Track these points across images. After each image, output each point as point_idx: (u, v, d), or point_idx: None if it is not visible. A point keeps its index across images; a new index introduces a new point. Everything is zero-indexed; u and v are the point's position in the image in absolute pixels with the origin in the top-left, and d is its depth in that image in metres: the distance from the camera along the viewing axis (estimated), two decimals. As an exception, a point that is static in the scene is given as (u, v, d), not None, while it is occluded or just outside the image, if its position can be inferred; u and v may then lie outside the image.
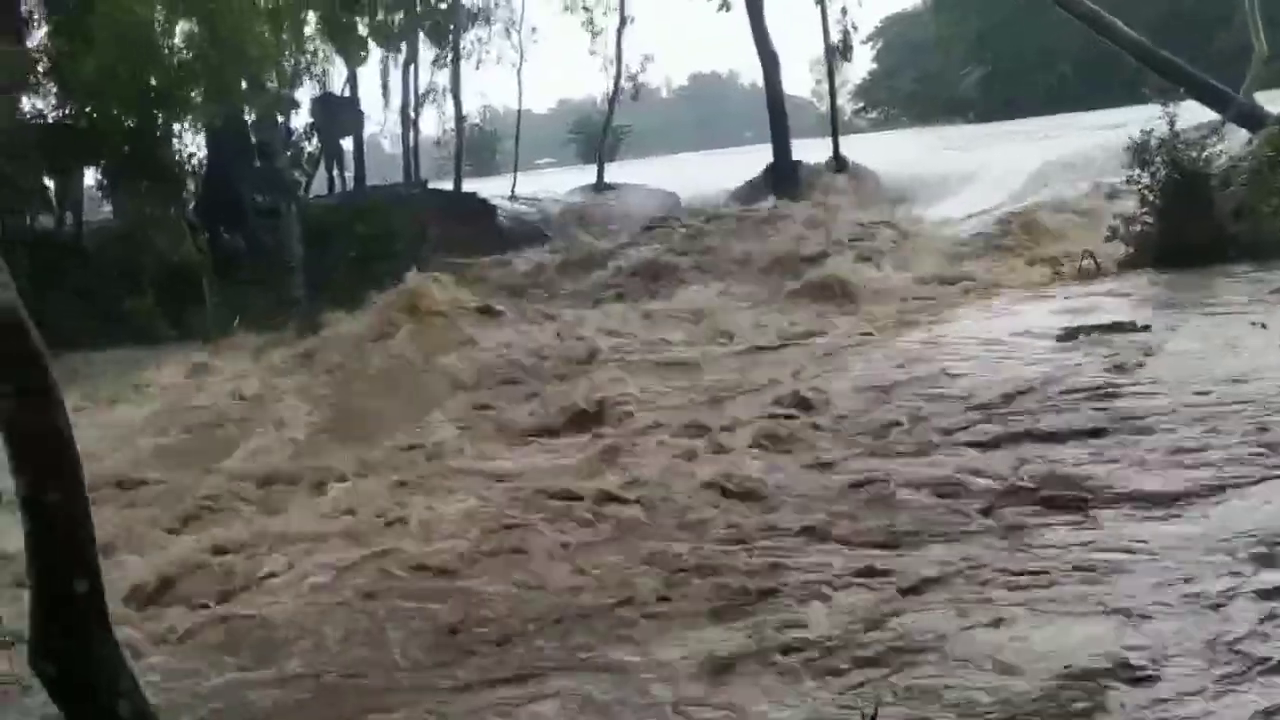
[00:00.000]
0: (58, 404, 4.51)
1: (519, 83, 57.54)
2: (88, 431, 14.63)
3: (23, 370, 4.43)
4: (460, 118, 39.86)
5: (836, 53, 37.61)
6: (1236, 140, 21.34)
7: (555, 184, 41.58)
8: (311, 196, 32.97)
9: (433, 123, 40.63)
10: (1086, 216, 23.20)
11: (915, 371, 13.15)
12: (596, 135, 45.12)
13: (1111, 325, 13.97)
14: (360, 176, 36.92)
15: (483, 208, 34.89)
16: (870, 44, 70.09)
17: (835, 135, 35.24)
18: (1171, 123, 19.10)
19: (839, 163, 34.28)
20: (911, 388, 12.32)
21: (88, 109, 28.54)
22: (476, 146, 46.84)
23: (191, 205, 29.40)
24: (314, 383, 16.89)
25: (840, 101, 41.95)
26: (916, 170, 32.99)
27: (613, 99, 42.89)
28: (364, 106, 37.59)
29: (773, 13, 34.63)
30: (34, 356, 4.44)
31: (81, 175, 31.64)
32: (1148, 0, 39.67)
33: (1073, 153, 28.71)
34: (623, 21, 41.35)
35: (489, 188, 38.76)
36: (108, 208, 33.95)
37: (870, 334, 16.64)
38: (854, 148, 36.01)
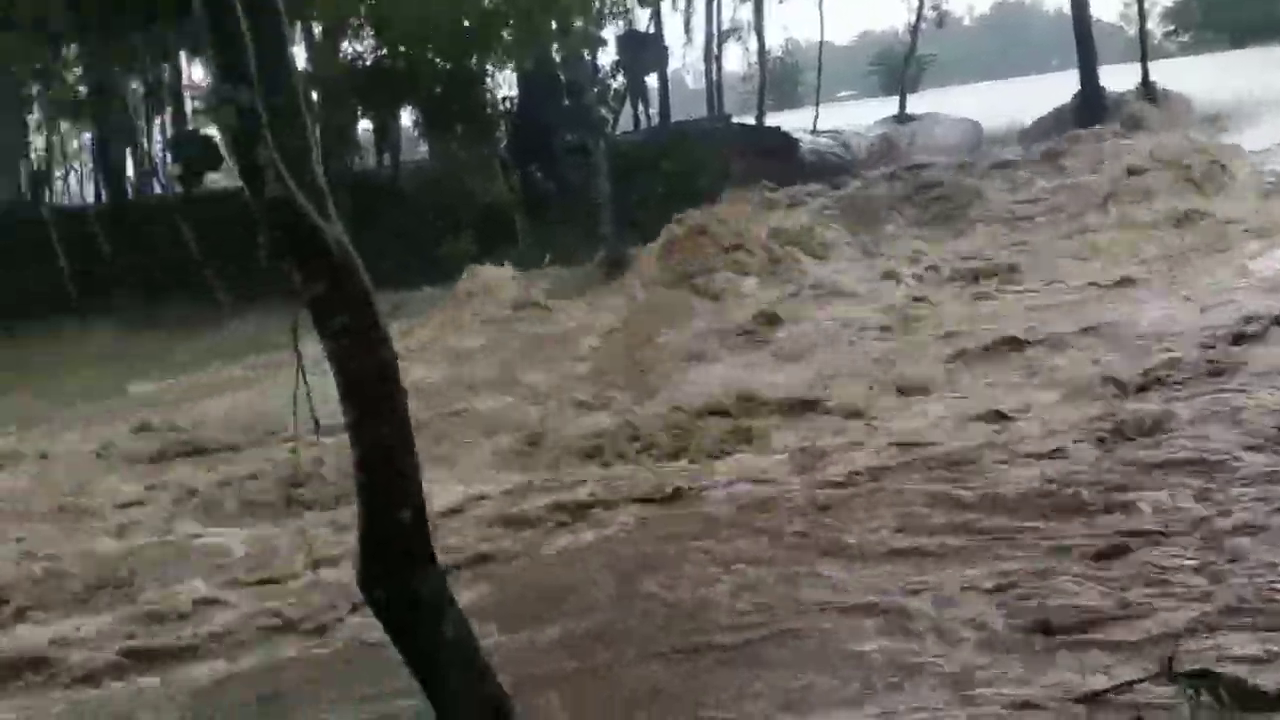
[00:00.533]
0: (385, 339, 4.67)
1: (820, 15, 56.97)
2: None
3: (353, 307, 4.57)
4: (763, 51, 39.76)
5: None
6: None
7: (857, 116, 41.03)
8: (617, 133, 33.37)
9: (735, 58, 40.43)
10: None
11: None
12: (898, 66, 44.33)
13: None
14: (665, 113, 37.13)
15: (786, 141, 34.70)
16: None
17: (1145, 61, 33.72)
18: None
19: (1148, 90, 32.76)
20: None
21: (404, 51, 29.58)
22: (779, 80, 46.69)
23: (503, 145, 30.20)
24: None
25: (1149, 25, 40.02)
26: (1232, 96, 31.28)
27: (915, 28, 42.12)
28: (668, 42, 37.75)
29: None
30: (363, 294, 4.59)
31: (398, 118, 32.89)
32: None
33: None
34: (928, -53, 40.46)
35: (791, 121, 38.51)
36: (423, 149, 35.22)
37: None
38: (1164, 73, 34.31)
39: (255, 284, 25.25)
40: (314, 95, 26.26)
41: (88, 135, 37.78)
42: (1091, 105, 31.59)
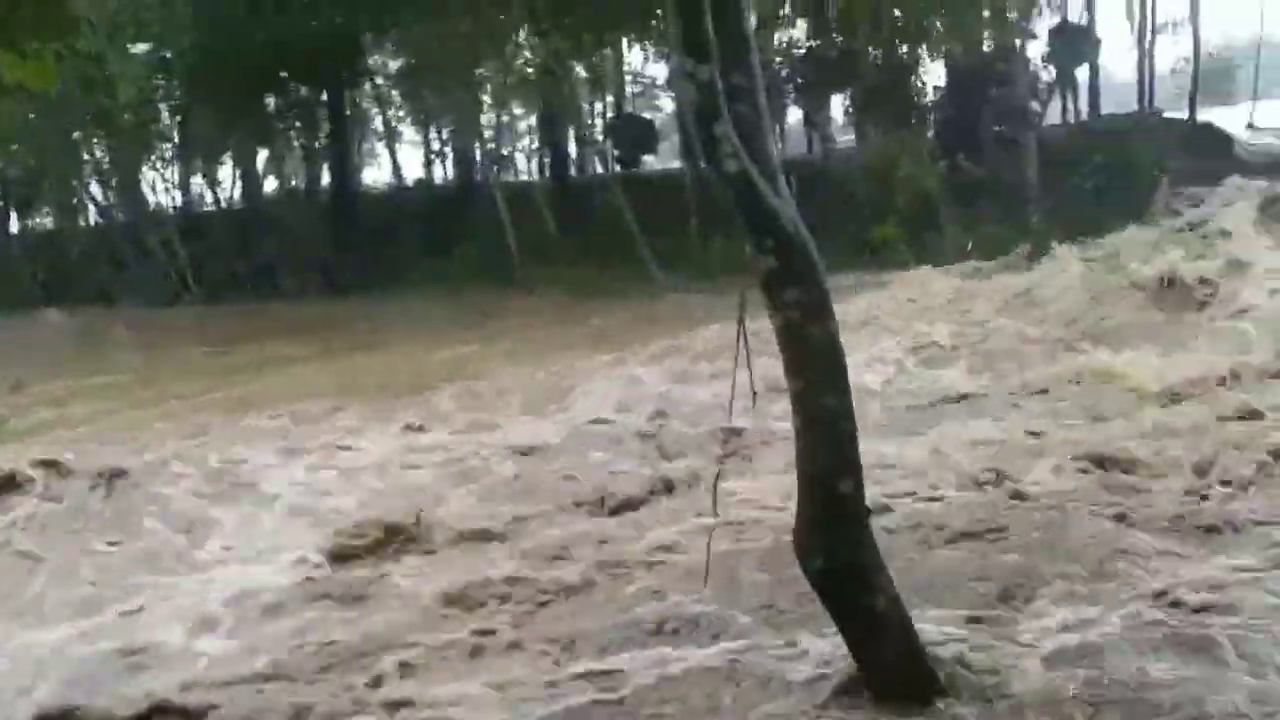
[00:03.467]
0: (830, 313, 4.91)
1: (1261, 11, 54.43)
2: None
3: (804, 281, 4.83)
4: (1198, 45, 38.48)
5: None
6: None
7: (1294, 116, 39.30)
8: (1047, 125, 33.16)
9: (1167, 53, 39.15)
10: None
11: None
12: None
13: None
14: (1095, 106, 36.54)
15: (1219, 138, 33.68)
16: None
17: None
18: None
19: None
20: None
21: (838, 39, 30.34)
22: (1213, 76, 45.00)
23: (931, 134, 30.55)
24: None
25: None
26: None
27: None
28: (1100, 33, 37.07)
29: None
30: (813, 268, 4.86)
31: (829, 105, 33.71)
32: None
33: None
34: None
35: (1225, 117, 37.21)
36: (850, 136, 35.92)
37: None
38: None
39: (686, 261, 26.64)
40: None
41: (534, 116, 40.24)
42: None
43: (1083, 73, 36.85)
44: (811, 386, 4.90)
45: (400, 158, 43.40)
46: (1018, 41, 31.20)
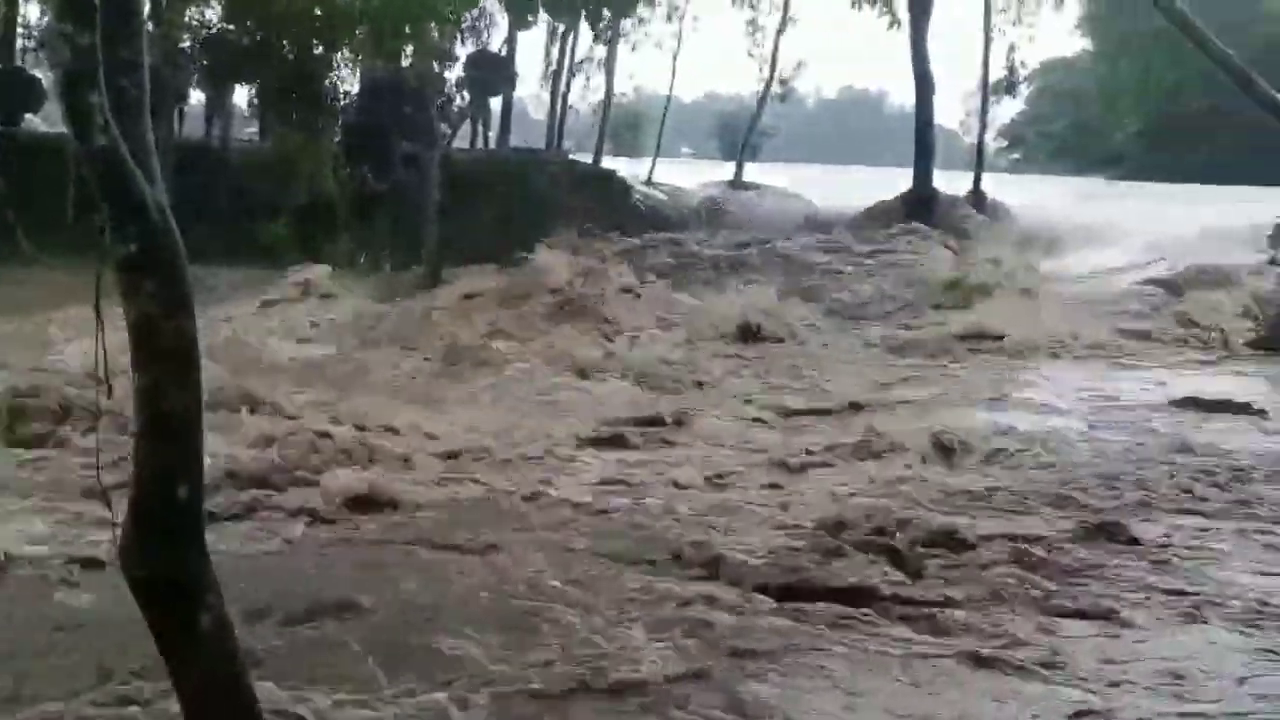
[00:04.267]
0: (190, 311, 4.51)
1: (673, 69, 57.24)
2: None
3: (163, 273, 4.41)
4: (609, 93, 39.82)
5: (1000, 87, 37.51)
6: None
7: (691, 174, 41.48)
8: (456, 148, 33.16)
9: (581, 96, 40.25)
10: (1226, 291, 22.71)
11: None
12: (741, 132, 44.83)
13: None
14: (505, 136, 37.06)
15: (620, 186, 34.88)
16: (1025, 84, 69.19)
17: (979, 169, 34.99)
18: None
19: (978, 197, 33.85)
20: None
21: (251, 27, 29.04)
22: (620, 126, 46.89)
23: (338, 140, 29.77)
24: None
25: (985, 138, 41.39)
26: (1058, 217, 32.49)
27: (762, 99, 42.61)
28: (520, 68, 37.65)
29: (934, 40, 34.09)
30: (175, 262, 4.44)
31: (234, 92, 32.22)
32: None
33: (1223, 224, 27.98)
34: (784, 23, 41.07)
35: (627, 168, 38.70)
36: (253, 129, 34.51)
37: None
38: (994, 186, 35.50)
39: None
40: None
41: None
42: (921, 203, 32.35)
43: (497, 103, 37.35)
44: (160, 384, 4.47)
45: None
46: (435, 63, 31.00)
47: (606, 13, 37.23)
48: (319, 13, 28.94)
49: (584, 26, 38.41)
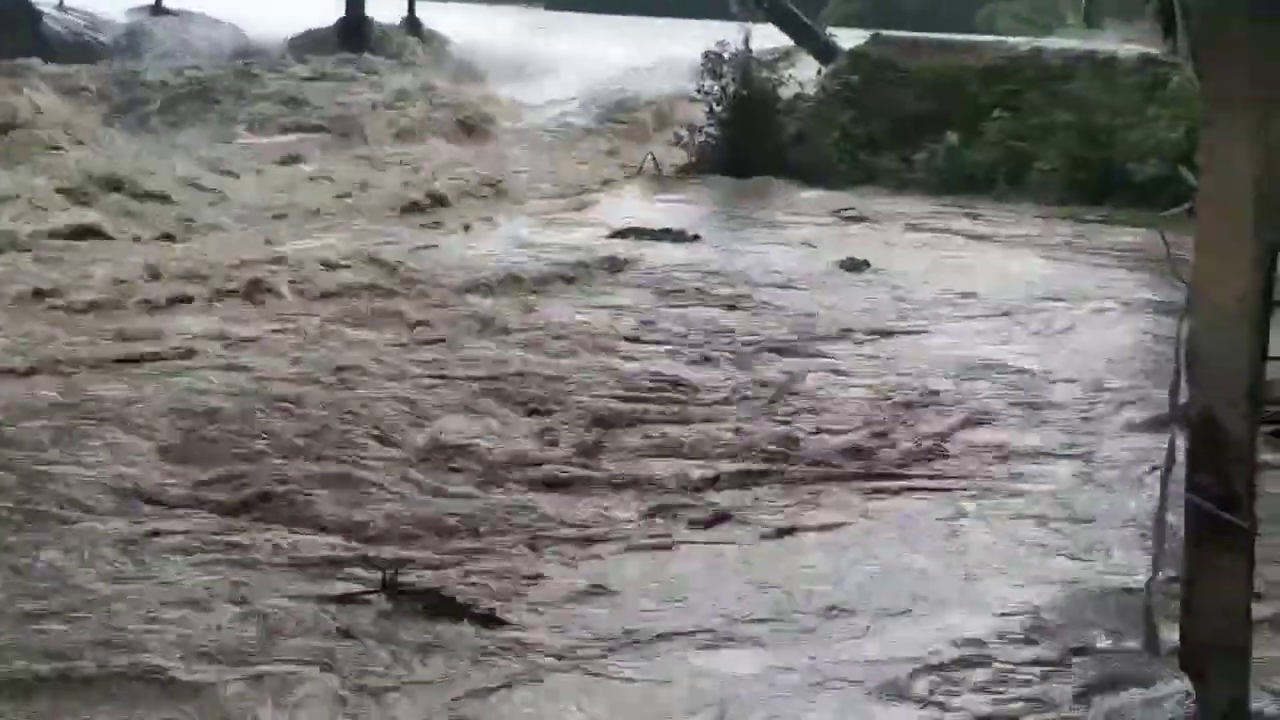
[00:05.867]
0: None
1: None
2: None
3: None
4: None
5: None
6: (808, 70, 21.86)
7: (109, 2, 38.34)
8: None
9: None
10: (659, 120, 23.37)
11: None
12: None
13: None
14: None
15: (27, 12, 31.58)
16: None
17: (412, -3, 33.98)
18: (746, 40, 19.50)
19: (413, 25, 33.04)
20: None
21: None
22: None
23: None
24: None
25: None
26: (494, 48, 32.13)
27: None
28: None
29: None
30: None
31: None
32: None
33: (657, 57, 28.40)
34: None
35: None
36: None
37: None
38: (429, 14, 34.58)
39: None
40: None
41: None
42: (353, 31, 31.17)
43: None
44: None
45: None
46: None
47: None
48: None
49: None
